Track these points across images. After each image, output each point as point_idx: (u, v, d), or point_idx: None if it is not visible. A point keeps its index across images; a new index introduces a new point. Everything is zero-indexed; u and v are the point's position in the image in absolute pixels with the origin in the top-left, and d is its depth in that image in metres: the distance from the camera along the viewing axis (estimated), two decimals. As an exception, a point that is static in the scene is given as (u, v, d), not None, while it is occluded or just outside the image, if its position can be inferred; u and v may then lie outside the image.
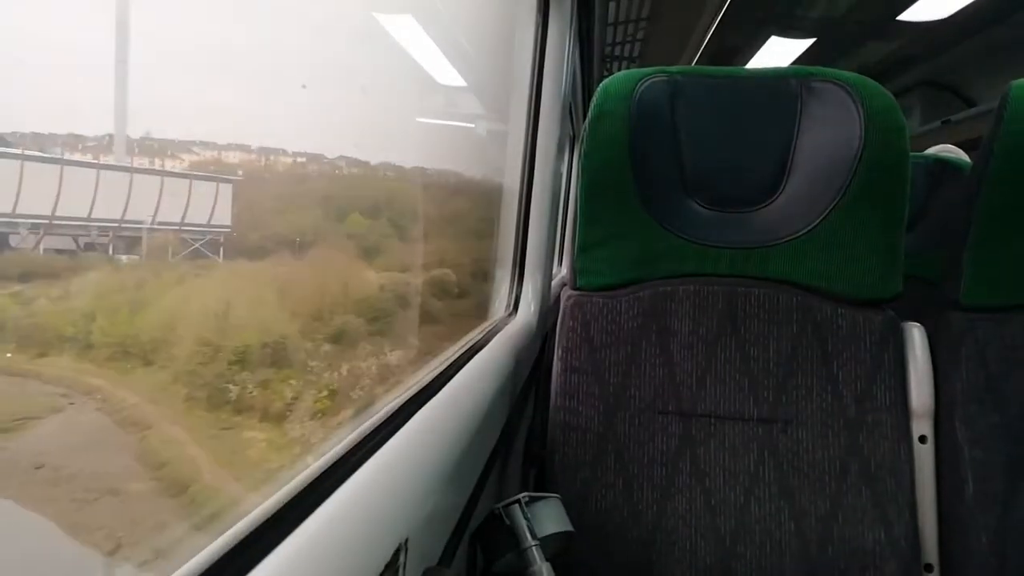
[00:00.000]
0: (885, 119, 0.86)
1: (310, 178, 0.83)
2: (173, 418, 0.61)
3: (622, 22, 4.01)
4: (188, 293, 0.67)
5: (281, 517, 0.35)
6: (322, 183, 0.85)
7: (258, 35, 0.61)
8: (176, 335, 0.62)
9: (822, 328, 0.88)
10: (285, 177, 0.77)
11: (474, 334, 0.99)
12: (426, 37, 1.02)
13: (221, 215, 0.67)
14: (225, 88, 0.59)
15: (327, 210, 0.87)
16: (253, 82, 0.62)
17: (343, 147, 0.88)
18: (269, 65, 0.66)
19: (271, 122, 0.71)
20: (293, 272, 0.76)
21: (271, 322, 0.72)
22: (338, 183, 0.92)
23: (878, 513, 0.83)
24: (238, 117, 0.63)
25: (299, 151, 0.79)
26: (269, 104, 0.68)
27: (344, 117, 0.82)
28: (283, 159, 0.76)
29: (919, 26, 3.61)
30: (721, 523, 0.85)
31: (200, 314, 0.66)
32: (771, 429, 0.86)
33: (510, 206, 1.26)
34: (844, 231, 0.88)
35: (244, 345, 0.66)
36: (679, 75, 0.93)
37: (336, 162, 0.90)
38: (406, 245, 1.07)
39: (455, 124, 1.28)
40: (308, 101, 0.74)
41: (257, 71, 0.63)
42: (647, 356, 0.89)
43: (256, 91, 0.63)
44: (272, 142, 0.74)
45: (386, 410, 0.55)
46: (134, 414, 0.58)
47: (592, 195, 0.92)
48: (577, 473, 0.87)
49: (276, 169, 0.75)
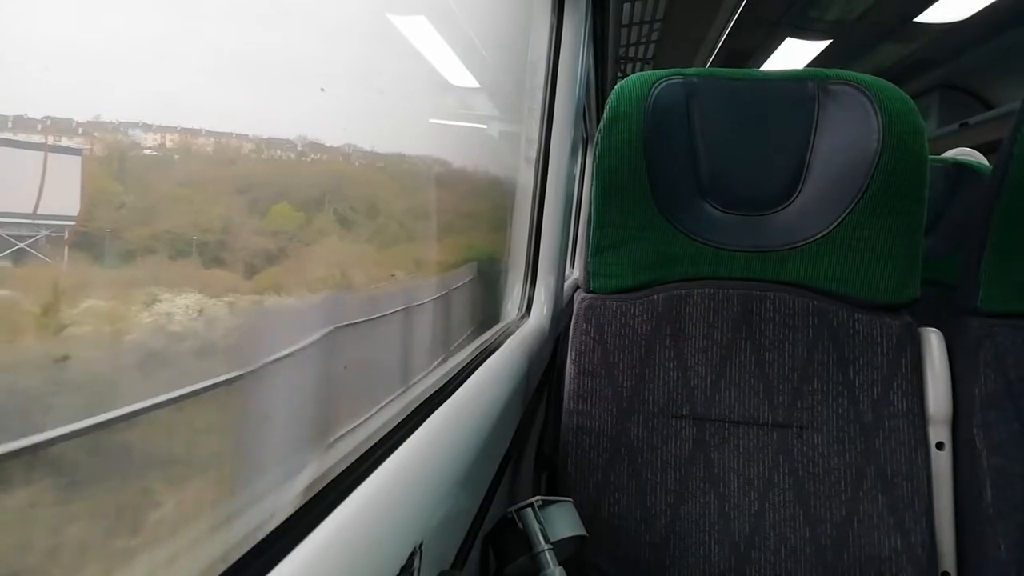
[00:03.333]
0: (903, 122, 0.85)
1: (244, 161, 0.64)
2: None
3: (636, 23, 4.00)
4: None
5: (297, 521, 0.35)
6: (257, 167, 0.65)
7: (256, 33, 0.58)
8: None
9: (838, 333, 0.87)
10: (203, 158, 0.57)
11: (487, 336, 0.99)
12: (439, 37, 1.01)
13: (63, 202, 0.46)
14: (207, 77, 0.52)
15: (254, 199, 0.65)
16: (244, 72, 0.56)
17: (347, 138, 0.80)
18: (275, 62, 0.61)
19: (267, 114, 0.63)
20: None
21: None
22: (280, 167, 0.71)
23: (894, 520, 0.82)
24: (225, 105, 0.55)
25: (264, 136, 0.66)
26: (270, 97, 0.62)
27: (350, 110, 0.76)
28: (230, 141, 0.61)
29: (936, 28, 3.58)
30: (735, 528, 0.84)
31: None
32: (786, 434, 0.86)
33: (523, 208, 1.26)
34: (861, 235, 0.87)
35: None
36: (695, 77, 0.92)
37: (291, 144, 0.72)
38: (349, 246, 0.82)
39: (466, 124, 1.27)
40: (320, 99, 0.69)
41: (260, 67, 0.59)
42: (661, 359, 0.89)
43: (253, 84, 0.58)
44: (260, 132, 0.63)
45: (400, 413, 0.55)
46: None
47: (607, 197, 0.91)
48: (590, 477, 0.87)
49: (201, 150, 0.57)
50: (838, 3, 3.53)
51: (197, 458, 0.49)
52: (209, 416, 0.50)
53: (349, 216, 0.82)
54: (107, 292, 0.45)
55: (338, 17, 0.75)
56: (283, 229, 0.66)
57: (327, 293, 0.74)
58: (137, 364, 0.46)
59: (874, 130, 0.85)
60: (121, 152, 0.48)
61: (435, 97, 1.10)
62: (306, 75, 0.67)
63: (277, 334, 0.58)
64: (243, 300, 0.59)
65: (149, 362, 0.47)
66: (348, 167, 0.84)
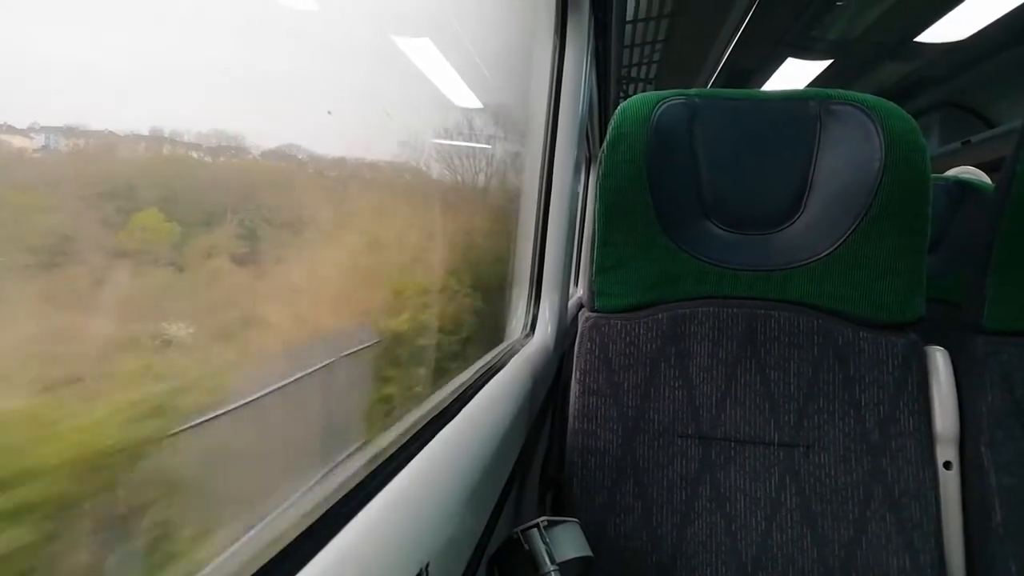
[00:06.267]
0: (906, 141, 0.85)
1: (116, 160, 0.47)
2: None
3: (638, 44, 4.03)
4: None
5: (303, 542, 0.35)
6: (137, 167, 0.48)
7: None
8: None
9: (844, 351, 0.87)
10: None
11: (491, 355, 0.99)
12: (442, 57, 1.01)
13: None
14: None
15: (118, 204, 0.46)
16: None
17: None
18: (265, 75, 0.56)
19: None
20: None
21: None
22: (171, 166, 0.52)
23: (903, 540, 0.81)
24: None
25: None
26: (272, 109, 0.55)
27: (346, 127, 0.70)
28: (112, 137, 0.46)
29: (937, 47, 3.60)
30: (742, 549, 0.83)
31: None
32: (792, 453, 0.85)
33: (527, 227, 1.27)
34: (865, 254, 0.87)
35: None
36: (697, 97, 0.93)
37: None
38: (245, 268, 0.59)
39: (469, 144, 1.28)
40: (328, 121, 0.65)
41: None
42: (666, 379, 0.89)
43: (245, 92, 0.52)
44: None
45: (405, 433, 0.55)
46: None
47: (610, 217, 0.92)
48: (595, 497, 0.87)
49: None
50: (839, 23, 3.56)
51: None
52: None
53: (263, 232, 0.62)
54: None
55: (344, 41, 0.73)
56: (147, 241, 0.49)
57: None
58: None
59: (876, 149, 0.86)
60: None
61: (433, 113, 1.04)
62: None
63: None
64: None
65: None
66: (280, 170, 0.64)
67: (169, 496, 0.48)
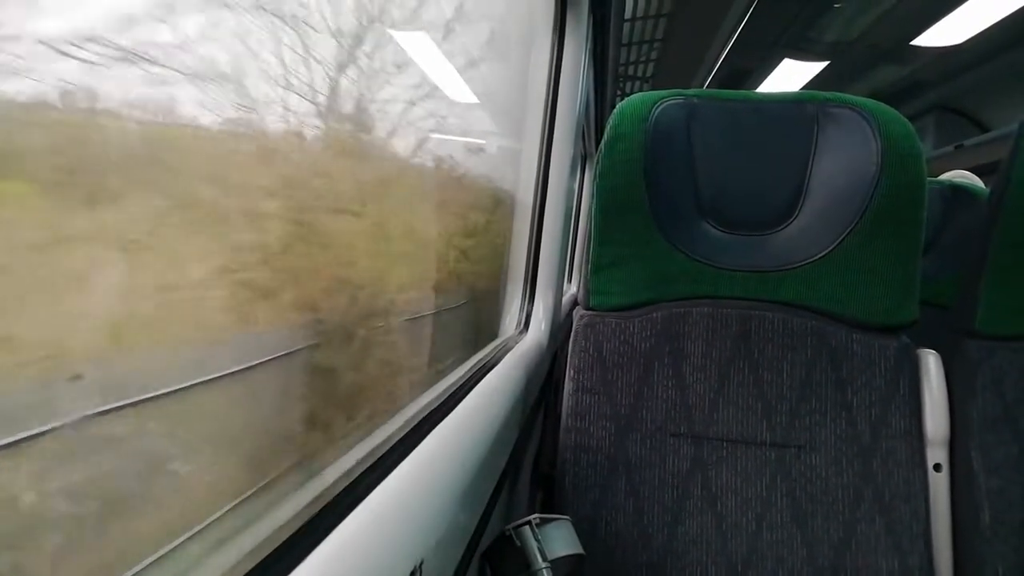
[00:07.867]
0: (902, 146, 0.86)
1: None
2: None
3: (636, 43, 4.03)
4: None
5: (297, 541, 0.35)
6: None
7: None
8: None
9: (837, 353, 0.87)
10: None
11: (486, 352, 0.99)
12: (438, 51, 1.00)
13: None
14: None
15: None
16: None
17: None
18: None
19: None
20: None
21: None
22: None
23: (892, 542, 0.82)
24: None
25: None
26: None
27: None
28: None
29: (933, 51, 3.62)
30: (732, 548, 0.84)
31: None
32: (784, 454, 0.86)
33: (522, 224, 1.26)
34: (860, 256, 0.87)
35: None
36: (695, 98, 0.93)
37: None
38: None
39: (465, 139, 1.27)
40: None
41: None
42: (659, 378, 0.89)
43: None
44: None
45: (399, 430, 0.54)
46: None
47: (606, 216, 0.92)
48: (587, 495, 0.87)
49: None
50: (835, 25, 3.58)
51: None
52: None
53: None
54: None
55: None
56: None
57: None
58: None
59: (873, 153, 0.86)
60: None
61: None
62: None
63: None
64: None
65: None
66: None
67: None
